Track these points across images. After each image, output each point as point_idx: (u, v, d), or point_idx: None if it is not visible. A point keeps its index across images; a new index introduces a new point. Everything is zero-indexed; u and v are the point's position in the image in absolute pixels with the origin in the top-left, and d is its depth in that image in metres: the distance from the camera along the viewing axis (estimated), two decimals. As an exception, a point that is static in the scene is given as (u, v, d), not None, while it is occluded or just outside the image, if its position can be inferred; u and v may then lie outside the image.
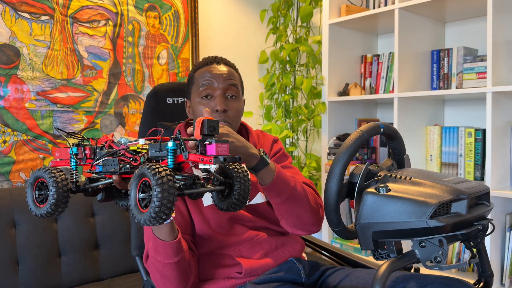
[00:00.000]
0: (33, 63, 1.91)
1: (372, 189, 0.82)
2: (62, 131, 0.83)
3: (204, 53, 2.52)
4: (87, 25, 2.07)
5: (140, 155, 0.76)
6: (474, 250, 0.89)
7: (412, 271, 1.07)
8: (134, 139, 0.79)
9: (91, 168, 0.81)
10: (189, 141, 0.77)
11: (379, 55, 2.46)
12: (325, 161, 2.45)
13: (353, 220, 0.86)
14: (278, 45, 2.74)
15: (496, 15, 1.78)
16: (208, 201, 1.11)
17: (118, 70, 2.17)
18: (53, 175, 0.77)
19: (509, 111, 1.88)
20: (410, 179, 0.83)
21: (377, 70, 2.46)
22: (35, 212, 0.80)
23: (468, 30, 2.22)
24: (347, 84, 2.43)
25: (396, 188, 0.81)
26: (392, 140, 0.97)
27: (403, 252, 0.81)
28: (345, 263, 1.35)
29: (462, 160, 2.06)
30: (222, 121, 1.11)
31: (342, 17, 2.37)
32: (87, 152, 0.81)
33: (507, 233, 1.86)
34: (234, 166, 0.79)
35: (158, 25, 2.31)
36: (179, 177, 0.75)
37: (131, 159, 0.76)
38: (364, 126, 0.89)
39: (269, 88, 2.69)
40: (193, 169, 1.02)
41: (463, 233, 0.78)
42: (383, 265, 0.76)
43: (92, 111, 2.08)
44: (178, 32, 2.39)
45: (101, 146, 0.81)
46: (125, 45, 2.19)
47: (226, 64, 1.18)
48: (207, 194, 0.81)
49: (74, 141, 0.83)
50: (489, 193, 0.86)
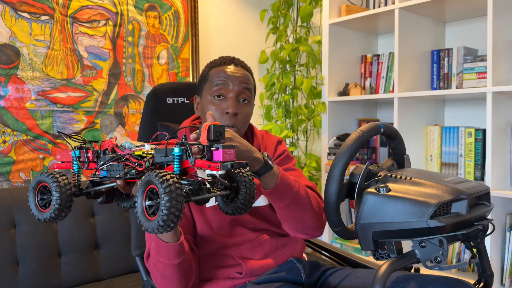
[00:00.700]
0: (33, 63, 1.91)
1: (372, 189, 0.82)
2: (64, 135, 0.82)
3: (204, 53, 2.52)
4: (87, 25, 2.07)
5: (145, 159, 0.75)
6: (474, 250, 0.89)
7: (412, 271, 1.07)
8: (139, 143, 0.78)
9: (95, 172, 0.80)
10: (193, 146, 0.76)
11: (379, 55, 2.46)
12: (325, 161, 2.45)
13: (353, 220, 0.86)
14: (278, 45, 2.73)
15: (496, 15, 1.78)
16: (210, 202, 1.10)
17: (118, 70, 2.17)
18: (56, 179, 0.76)
19: (509, 111, 1.88)
20: (410, 179, 0.82)
21: (377, 70, 2.46)
22: (38, 217, 0.78)
23: (468, 30, 2.22)
24: (347, 84, 2.43)
25: (396, 188, 0.81)
26: (392, 140, 0.97)
27: (403, 252, 0.81)
28: (345, 263, 1.35)
29: (462, 160, 2.06)
30: (230, 124, 1.10)
31: (342, 17, 2.37)
32: (89, 155, 0.80)
33: (507, 233, 1.86)
34: (239, 170, 0.78)
35: (158, 25, 2.31)
36: (184, 182, 0.74)
37: (136, 164, 0.75)
38: (364, 126, 0.89)
39: (269, 88, 2.69)
40: (197, 171, 1.01)
41: (463, 233, 0.78)
42: (383, 265, 0.76)
43: (92, 111, 2.08)
44: (178, 32, 2.39)
45: (105, 150, 0.80)
46: (125, 45, 2.19)
47: (243, 67, 1.17)
48: None
49: (77, 144, 0.82)
50: (489, 193, 0.86)
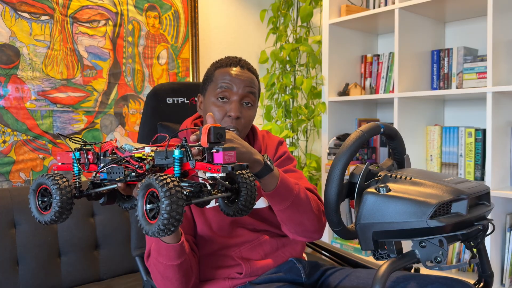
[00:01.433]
0: (33, 63, 1.91)
1: (372, 189, 0.82)
2: (63, 136, 0.82)
3: (204, 53, 2.52)
4: (87, 25, 2.07)
5: (146, 162, 0.75)
6: (474, 250, 0.89)
7: (412, 271, 1.07)
8: (139, 145, 0.78)
9: (96, 175, 0.80)
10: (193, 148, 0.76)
11: (379, 55, 2.46)
12: (325, 161, 2.45)
13: (353, 220, 0.86)
14: (278, 45, 2.73)
15: (496, 15, 1.78)
16: (210, 203, 1.10)
17: (118, 70, 2.17)
18: (56, 182, 0.76)
19: (509, 111, 1.88)
20: (410, 179, 0.82)
21: (377, 70, 2.46)
22: (39, 220, 0.78)
23: (468, 30, 2.22)
24: (347, 84, 2.43)
25: (396, 188, 0.81)
26: (392, 140, 0.97)
27: (403, 252, 0.81)
28: (345, 263, 1.35)
29: (462, 160, 2.06)
30: (232, 127, 1.09)
31: (342, 17, 2.37)
32: (90, 157, 0.80)
33: (507, 233, 1.86)
34: (240, 172, 0.78)
35: (158, 25, 2.31)
36: (185, 184, 0.73)
37: (136, 166, 0.75)
38: (364, 126, 0.89)
39: (269, 88, 2.69)
40: (197, 172, 1.01)
41: (463, 233, 0.78)
42: (383, 265, 0.76)
43: (92, 111, 2.08)
44: (178, 32, 2.39)
45: (105, 152, 0.80)
46: (125, 45, 2.19)
47: (249, 70, 1.15)
48: None
49: (77, 146, 0.82)
50: (489, 193, 0.86)
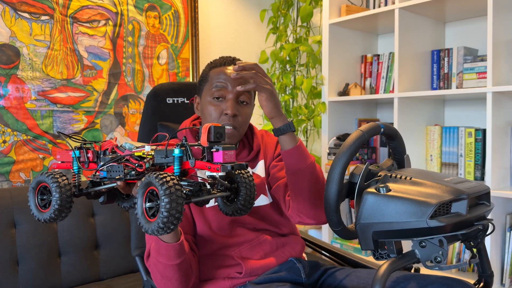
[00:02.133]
0: (33, 63, 1.91)
1: (372, 189, 0.82)
2: (64, 135, 0.82)
3: (204, 53, 2.52)
4: (87, 25, 2.07)
5: (145, 160, 0.75)
6: (474, 250, 0.89)
7: (412, 271, 1.07)
8: (139, 144, 0.78)
9: (96, 173, 0.80)
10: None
11: (379, 55, 2.46)
12: (325, 161, 2.45)
13: (353, 220, 0.86)
14: (278, 45, 2.73)
15: (496, 15, 1.78)
16: (210, 203, 1.10)
17: (118, 70, 2.17)
18: (55, 180, 0.76)
19: (509, 111, 1.88)
20: (410, 179, 0.82)
21: (377, 70, 2.46)
22: (38, 217, 0.78)
23: (468, 30, 2.21)
24: (347, 84, 2.43)
25: (396, 188, 0.81)
26: (392, 140, 0.97)
27: (403, 252, 0.81)
28: (345, 263, 1.35)
29: (462, 160, 2.06)
30: (229, 125, 1.10)
31: (342, 17, 2.37)
32: (89, 155, 0.80)
33: (507, 233, 1.86)
34: (239, 172, 0.78)
35: (158, 25, 2.31)
36: (185, 183, 0.74)
37: (136, 165, 0.75)
38: (364, 126, 0.89)
39: (269, 88, 2.69)
40: (197, 171, 1.01)
41: (463, 233, 0.78)
42: (383, 265, 0.76)
43: (92, 111, 2.08)
44: (178, 32, 2.39)
45: (105, 150, 0.80)
46: (125, 45, 2.19)
47: (243, 68, 1.17)
48: None
49: (77, 144, 0.82)
50: (489, 193, 0.86)
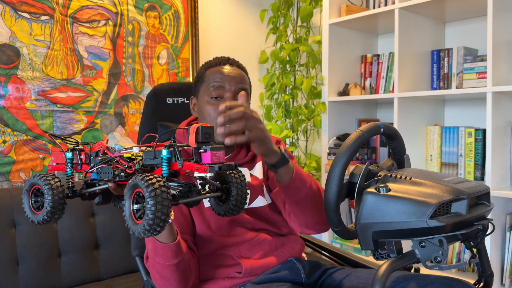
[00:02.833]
0: (33, 63, 1.91)
1: (372, 189, 0.82)
2: (55, 136, 0.82)
3: (204, 53, 2.52)
4: (87, 25, 2.07)
5: (135, 162, 0.75)
6: (474, 250, 0.89)
7: (412, 271, 1.07)
8: (129, 146, 0.78)
9: (86, 175, 0.80)
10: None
11: (379, 55, 2.46)
12: (325, 161, 2.45)
13: (353, 220, 0.86)
14: (278, 45, 2.73)
15: (496, 15, 1.78)
16: (208, 203, 1.11)
17: (118, 70, 2.17)
18: (48, 182, 0.76)
19: (509, 111, 1.88)
20: (410, 179, 0.82)
21: (377, 70, 2.46)
22: (32, 219, 0.79)
23: (468, 30, 2.21)
24: (347, 84, 2.43)
25: (396, 188, 0.81)
26: (392, 140, 0.97)
27: (403, 252, 0.81)
28: (345, 263, 1.35)
29: (462, 160, 2.06)
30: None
31: (342, 17, 2.37)
32: (82, 157, 0.80)
33: (507, 233, 1.86)
34: (231, 172, 0.78)
35: (158, 25, 2.31)
36: (174, 184, 0.73)
37: (125, 167, 0.75)
38: (364, 126, 0.89)
39: (269, 88, 2.69)
40: (194, 172, 1.01)
41: (463, 233, 0.78)
42: (383, 265, 0.76)
43: (92, 111, 2.08)
44: (178, 32, 2.39)
45: (96, 152, 0.79)
46: (125, 45, 2.19)
47: (238, 67, 1.17)
48: None
49: (70, 146, 0.82)
50: (489, 193, 0.86)
